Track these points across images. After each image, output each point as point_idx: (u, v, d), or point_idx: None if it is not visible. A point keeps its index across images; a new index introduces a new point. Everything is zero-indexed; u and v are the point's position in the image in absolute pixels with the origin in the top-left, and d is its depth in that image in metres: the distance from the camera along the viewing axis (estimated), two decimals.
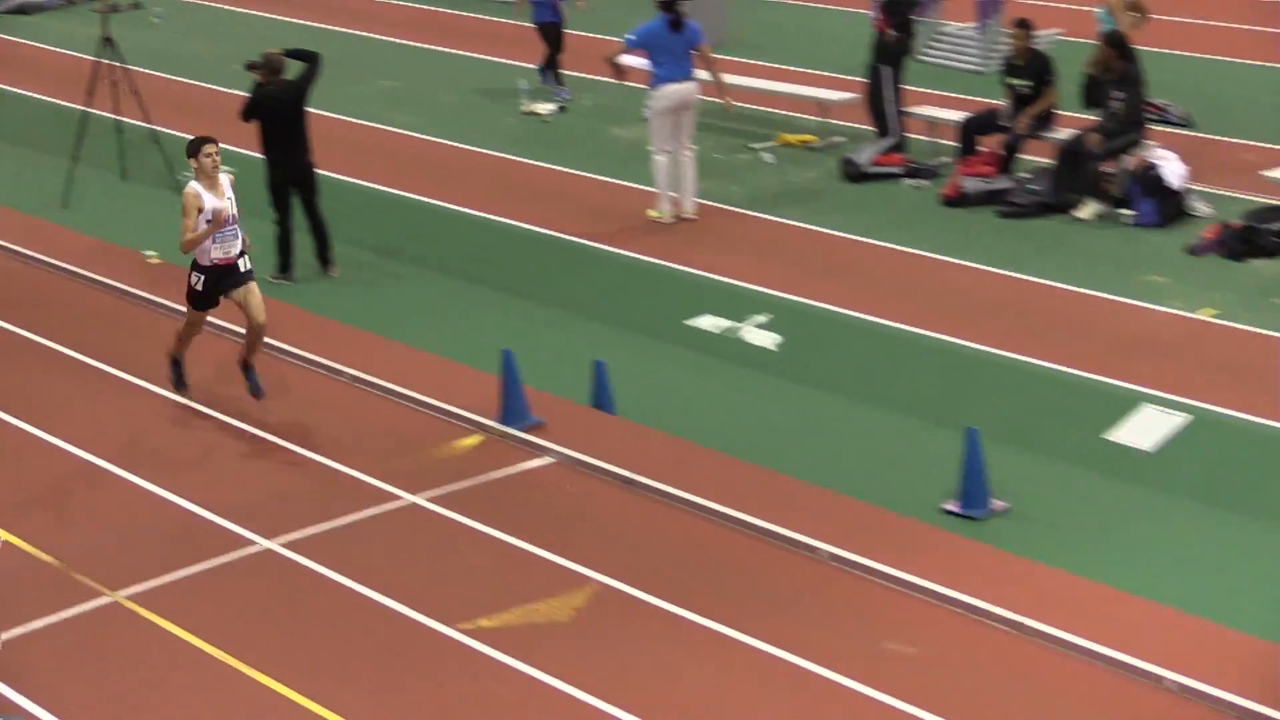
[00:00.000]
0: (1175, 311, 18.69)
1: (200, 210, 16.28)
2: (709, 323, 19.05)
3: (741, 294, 19.73)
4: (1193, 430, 15.82)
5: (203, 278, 16.68)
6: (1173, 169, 21.52)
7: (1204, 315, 18.47)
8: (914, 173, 23.85)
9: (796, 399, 17.08)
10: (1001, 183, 22.54)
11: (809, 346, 18.35)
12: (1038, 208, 22.01)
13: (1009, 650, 12.62)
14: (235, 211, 16.55)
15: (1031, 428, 16.16)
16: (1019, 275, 19.98)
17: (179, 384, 17.54)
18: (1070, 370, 17.27)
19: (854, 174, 23.94)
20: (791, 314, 19.09)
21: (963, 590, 13.21)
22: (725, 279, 20.23)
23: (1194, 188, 21.76)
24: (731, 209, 22.93)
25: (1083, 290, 19.43)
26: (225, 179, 16.54)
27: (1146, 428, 15.97)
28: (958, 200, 22.59)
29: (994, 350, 17.87)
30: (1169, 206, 21.37)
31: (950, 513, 14.55)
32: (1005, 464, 14.87)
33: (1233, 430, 15.76)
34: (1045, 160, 22.74)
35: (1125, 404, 16.31)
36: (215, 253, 16.50)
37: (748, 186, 23.90)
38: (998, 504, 14.59)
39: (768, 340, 18.47)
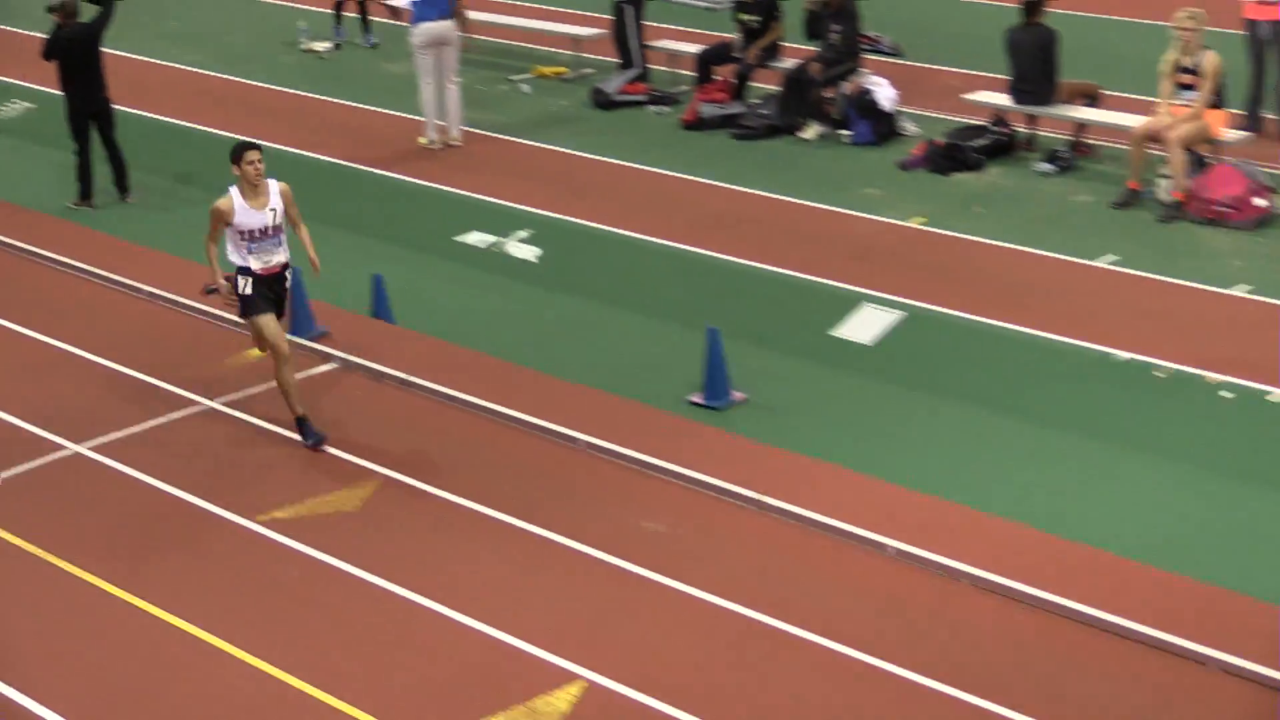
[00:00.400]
0: (889, 220, 18.89)
1: (228, 223, 13.88)
2: (476, 238, 18.98)
3: (505, 212, 19.65)
4: (907, 325, 16.02)
5: (250, 280, 14.06)
6: (885, 94, 21.76)
7: (915, 223, 18.69)
8: (657, 100, 23.88)
9: (556, 306, 17.09)
10: (734, 108, 22.66)
11: (567, 258, 18.34)
12: (767, 130, 22.14)
13: (749, 524, 12.74)
14: (278, 223, 14.03)
15: (765, 326, 16.28)
16: (752, 190, 20.08)
17: (312, 441, 14.21)
18: (798, 274, 17.39)
19: (603, 102, 23.95)
20: (550, 229, 19.05)
21: (708, 473, 13.30)
22: (490, 199, 20.14)
23: (904, 110, 21.99)
24: (494, 135, 22.83)
25: (808, 203, 19.58)
26: (274, 187, 14.09)
27: (866, 324, 16.15)
28: (696, 124, 22.65)
29: (731, 258, 17.94)
30: (882, 127, 21.60)
31: (695, 404, 14.64)
32: (743, 359, 14.98)
33: (942, 324, 15.97)
34: (773, 87, 22.85)
35: (847, 303, 16.47)
36: (253, 263, 14.00)
37: (508, 115, 23.79)
38: (737, 395, 14.71)
39: (529, 253, 18.44)
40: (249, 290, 14.07)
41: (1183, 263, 17.12)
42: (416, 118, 22.56)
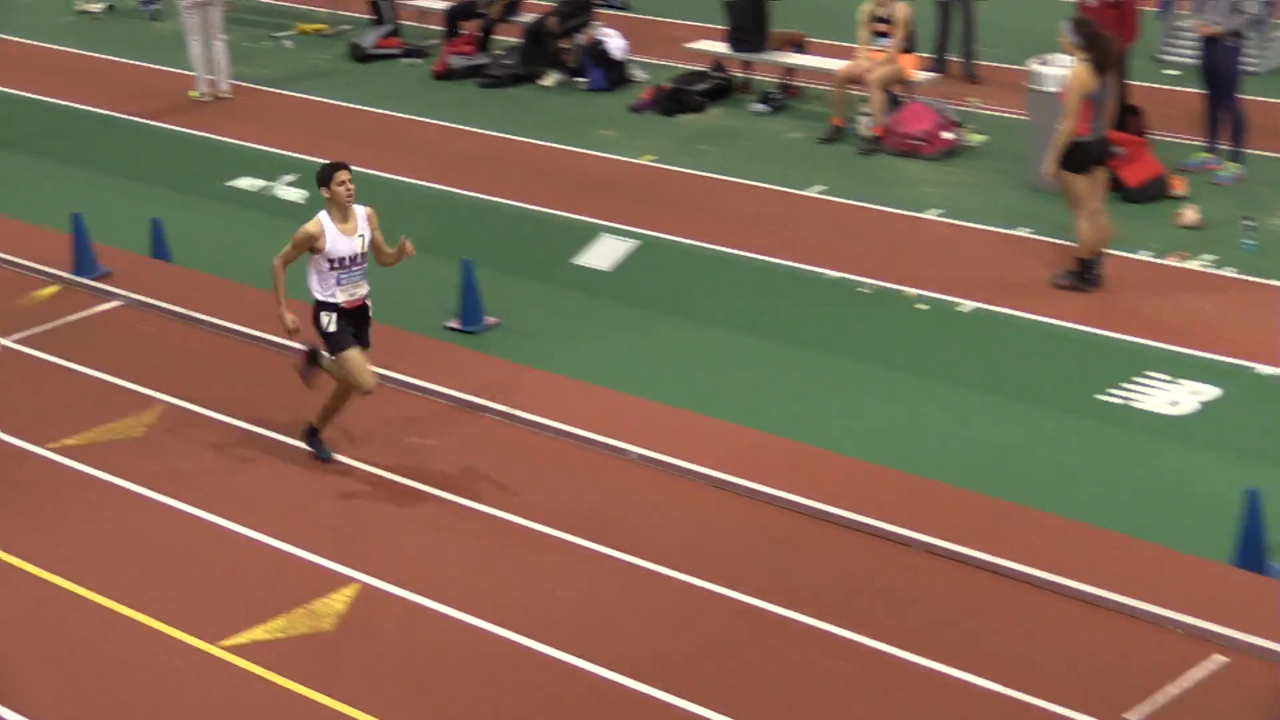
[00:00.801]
0: (623, 158, 18.90)
1: (318, 250, 11.84)
2: (247, 183, 18.67)
3: (272, 158, 19.32)
4: (642, 253, 16.07)
5: (334, 315, 11.98)
6: (616, 44, 21.74)
7: (646, 160, 18.72)
8: (409, 53, 23.59)
9: None
10: (480, 59, 22.48)
11: None
12: (510, 79, 22.00)
13: (506, 436, 12.74)
14: (366, 250, 12.07)
15: (514, 257, 16.21)
16: (498, 134, 19.96)
17: (324, 455, 12.44)
18: (542, 209, 17.35)
19: (360, 56, 23.58)
20: (314, 173, 18.68)
21: (466, 391, 13.28)
22: (258, 146, 19.79)
23: (633, 59, 21.96)
24: (260, 88, 22.40)
25: (549, 144, 19.51)
26: (362, 211, 12.14)
27: (604, 253, 16.16)
28: (446, 75, 22.43)
29: (480, 195, 17.85)
30: (614, 74, 21.58)
31: (452, 329, 14.58)
32: (494, 287, 14.91)
33: (673, 251, 16.04)
34: (514, 40, 22.72)
35: (587, 234, 16.47)
36: (340, 295, 11.98)
37: (273, 69, 23.35)
38: (490, 320, 14.67)
39: (296, 195, 18.15)
40: (333, 327, 11.98)
41: (882, 191, 17.37)
42: (187, 73, 22.06)
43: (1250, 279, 14.72)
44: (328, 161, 12.13)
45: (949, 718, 9.33)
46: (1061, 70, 15.82)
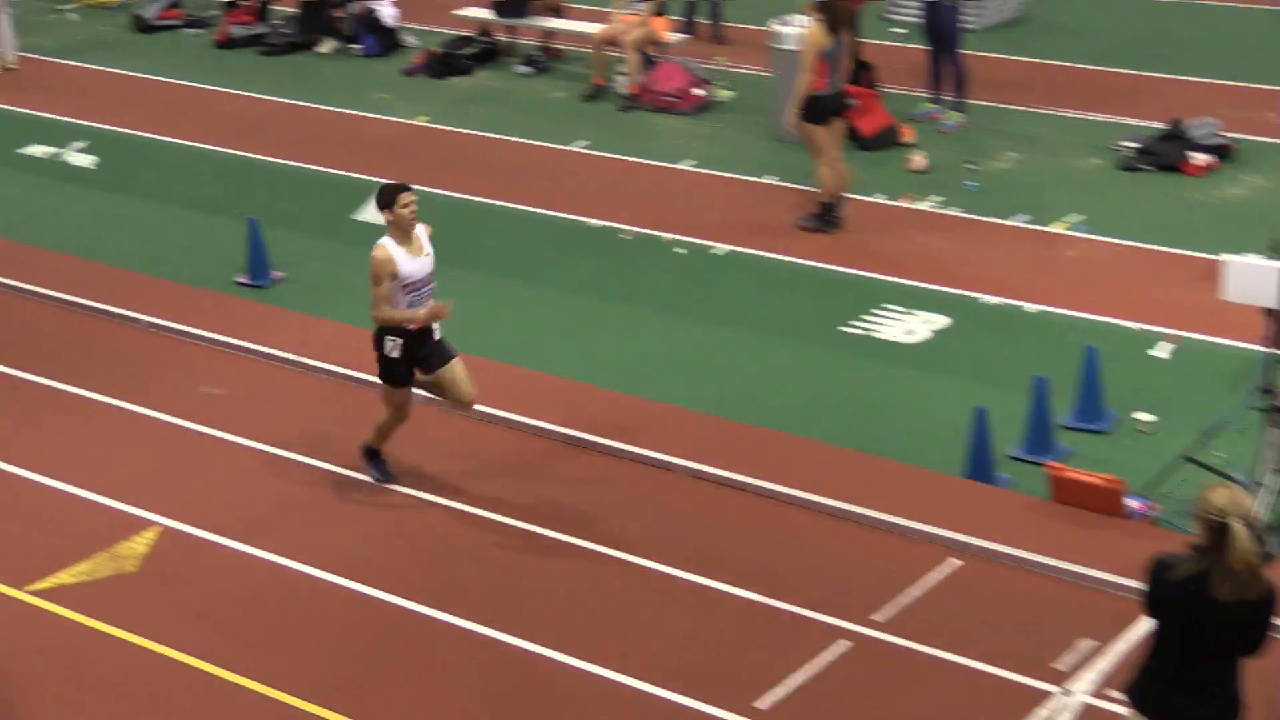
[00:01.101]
0: (398, 119, 18.71)
1: (394, 276, 10.48)
2: (38, 150, 18.13)
3: (62, 126, 18.78)
4: (420, 207, 15.86)
5: (400, 342, 10.63)
6: (387, 12, 21.50)
7: (420, 121, 18.55)
8: (192, 24, 23.14)
9: (114, 206, 16.46)
10: (260, 28, 22.07)
11: (121, 164, 17.65)
12: (289, 46, 21.64)
13: (295, 383, 12.61)
14: (434, 268, 10.77)
15: (299, 214, 15.97)
16: (279, 99, 19.63)
17: (382, 477, 11.14)
18: (323, 169, 17.12)
19: (143, 26, 23.05)
20: (104, 139, 18.30)
21: (257, 341, 13.09)
22: (48, 114, 19.22)
23: (404, 25, 21.74)
24: (47, 59, 21.76)
25: (328, 107, 19.25)
26: (423, 231, 10.73)
27: None
28: (227, 44, 22.00)
29: (265, 157, 17.56)
30: (387, 41, 21.34)
31: (241, 284, 14.33)
32: (280, 244, 14.69)
33: (451, 206, 15.90)
34: (292, 9, 22.34)
35: (366, 191, 16.15)
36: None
37: (59, 40, 22.71)
38: (277, 274, 14.44)
39: (87, 161, 17.71)
40: (396, 353, 10.65)
41: (640, 144, 17.42)
42: None
43: (974, 217, 15.04)
44: (388, 183, 10.76)
45: (713, 626, 9.44)
46: (799, 30, 16.00)
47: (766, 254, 14.48)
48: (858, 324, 13.13)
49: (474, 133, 18.11)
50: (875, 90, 17.27)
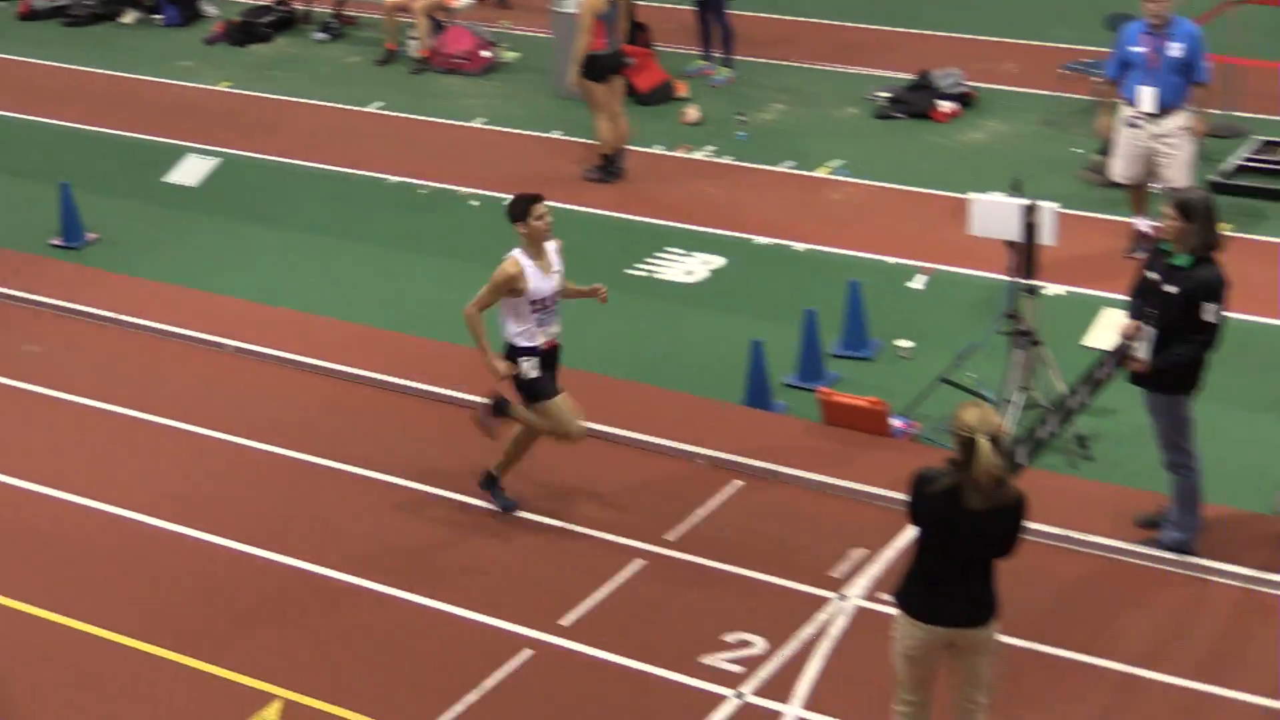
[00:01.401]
0: (202, 85, 18.24)
1: (519, 293, 9.22)
2: None
3: None
4: (225, 169, 15.59)
5: (536, 360, 9.38)
6: None
7: (223, 86, 18.12)
8: None
9: None
10: (63, 0, 21.32)
11: None
12: (91, 17, 20.93)
13: (111, 339, 12.30)
14: (561, 286, 9.50)
15: (109, 178, 15.52)
16: (86, 68, 19.00)
17: (507, 505, 9.84)
18: (129, 134, 16.63)
19: None
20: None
21: (72, 300, 12.78)
22: None
23: None
24: None
25: (133, 75, 18.68)
26: (554, 247, 9.49)
27: (191, 170, 15.64)
28: (30, 15, 21.22)
29: (73, 124, 17.00)
30: (188, 10, 20.73)
31: (55, 246, 13.96)
32: (93, 207, 14.30)
33: (253, 167, 15.61)
34: None
35: (174, 154, 15.90)
36: (540, 337, 9.37)
37: None
38: (91, 236, 14.06)
39: None
40: (535, 373, 9.41)
41: (433, 104, 17.22)
42: None
43: (745, 165, 15.14)
44: (521, 194, 9.45)
45: (519, 553, 9.46)
46: None
47: (555, 203, 14.21)
48: (642, 266, 13.17)
49: (275, 97, 17.73)
50: (650, 49, 17.26)
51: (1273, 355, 11.13)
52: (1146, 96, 12.17)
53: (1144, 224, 12.57)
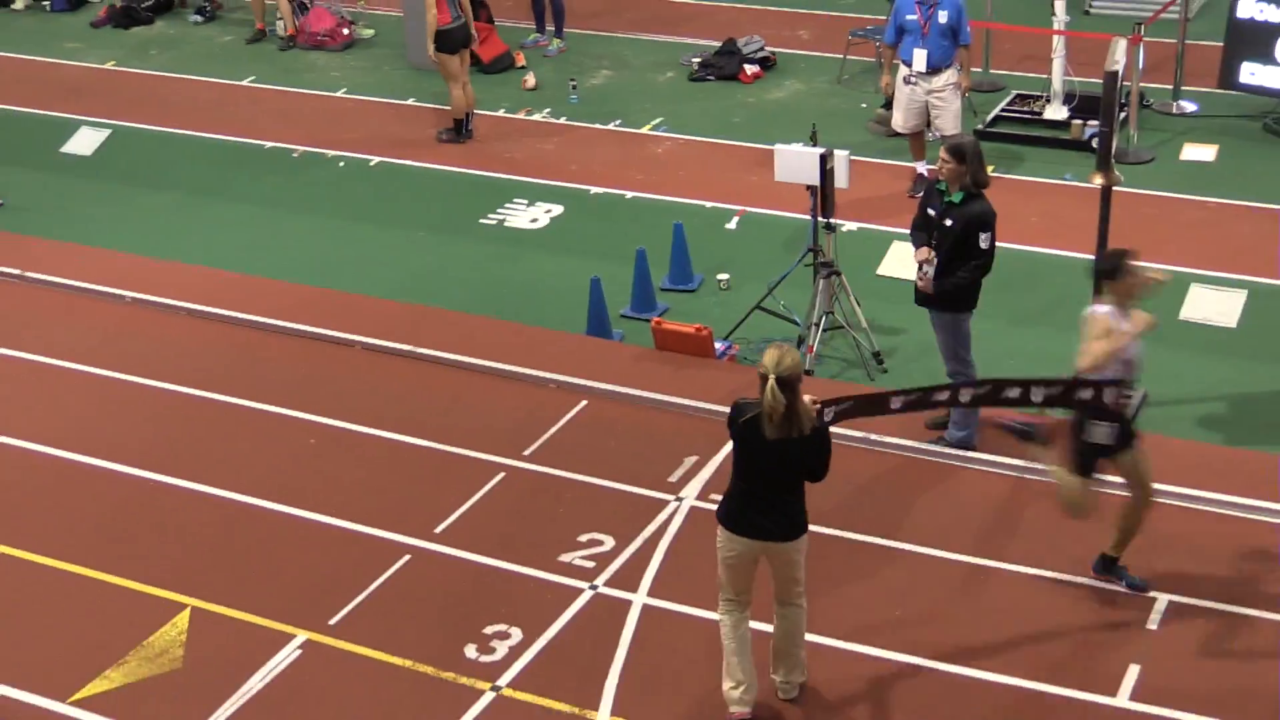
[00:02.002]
0: (90, 65, 17.54)
1: (1118, 352, 7.23)
2: None
3: None
4: (117, 139, 15.02)
5: (1116, 428, 7.36)
6: None
7: (109, 65, 17.45)
8: None
9: None
10: None
11: None
12: None
13: (18, 293, 11.84)
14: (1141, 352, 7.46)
15: (8, 150, 14.94)
16: None
17: (1139, 584, 7.83)
18: (27, 110, 15.94)
19: None
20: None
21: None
22: None
23: None
24: None
25: (27, 56, 17.89)
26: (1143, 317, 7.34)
27: (85, 141, 15.06)
28: None
29: None
30: None
31: None
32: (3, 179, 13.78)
33: (142, 137, 15.08)
34: None
35: (68, 128, 15.30)
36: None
37: None
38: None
39: None
40: (1111, 440, 7.41)
41: (301, 77, 16.75)
42: None
43: (579, 124, 14.96)
44: (1114, 249, 7.60)
45: (394, 471, 9.33)
46: None
47: (413, 163, 14.17)
48: (493, 216, 13.00)
49: (157, 73, 17.11)
50: (492, 24, 16.98)
51: (1031, 278, 11.33)
52: (920, 58, 12.28)
53: (923, 167, 12.70)
